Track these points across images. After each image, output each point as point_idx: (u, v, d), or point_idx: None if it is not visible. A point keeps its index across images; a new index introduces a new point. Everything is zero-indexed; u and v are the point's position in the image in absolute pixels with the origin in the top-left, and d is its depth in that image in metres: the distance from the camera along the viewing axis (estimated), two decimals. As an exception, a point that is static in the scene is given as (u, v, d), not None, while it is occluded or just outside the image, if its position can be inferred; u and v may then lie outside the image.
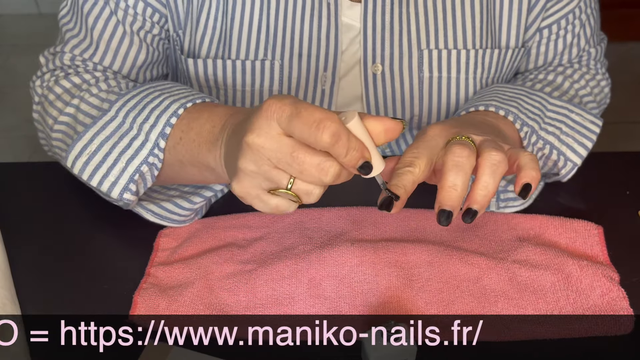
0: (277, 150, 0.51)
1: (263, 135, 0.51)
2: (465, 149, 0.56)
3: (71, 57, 0.78)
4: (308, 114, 0.50)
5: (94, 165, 0.66)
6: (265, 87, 0.80)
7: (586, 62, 0.87)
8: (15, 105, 2.08)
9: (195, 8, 0.77)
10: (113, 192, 0.66)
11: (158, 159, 0.66)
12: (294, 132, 0.51)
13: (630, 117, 2.05)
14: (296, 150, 0.51)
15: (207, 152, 0.62)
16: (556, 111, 0.75)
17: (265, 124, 0.51)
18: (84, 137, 0.67)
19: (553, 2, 0.81)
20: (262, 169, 0.52)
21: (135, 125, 0.66)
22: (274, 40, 0.78)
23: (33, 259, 0.71)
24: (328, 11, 0.78)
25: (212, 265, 0.68)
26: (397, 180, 0.56)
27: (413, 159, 0.57)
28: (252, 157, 0.52)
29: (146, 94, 0.69)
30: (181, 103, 0.66)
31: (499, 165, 0.56)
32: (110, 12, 0.76)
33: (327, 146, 0.50)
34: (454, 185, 0.55)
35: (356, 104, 0.84)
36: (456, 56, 0.80)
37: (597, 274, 0.67)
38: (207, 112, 0.64)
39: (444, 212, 0.55)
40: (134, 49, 0.79)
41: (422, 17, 0.79)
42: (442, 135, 0.60)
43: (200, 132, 0.63)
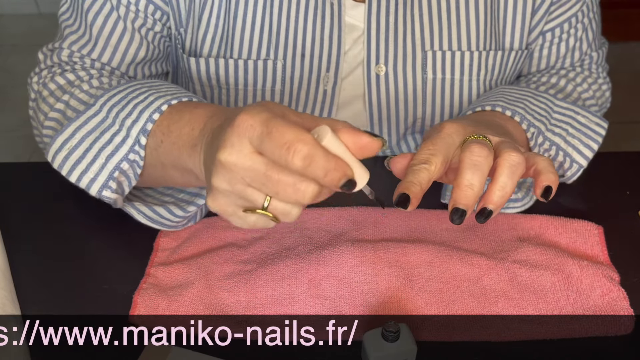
0: (249, 169, 0.49)
1: (235, 154, 0.49)
2: (484, 149, 0.55)
3: (69, 53, 0.78)
4: (279, 135, 0.47)
5: (73, 160, 0.65)
6: (268, 87, 0.80)
7: (588, 66, 0.88)
8: (15, 105, 2.08)
9: (197, 6, 0.77)
10: (92, 188, 0.65)
11: (139, 156, 0.64)
12: (266, 153, 0.49)
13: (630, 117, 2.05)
14: (270, 169, 0.49)
15: (187, 157, 0.60)
16: (562, 113, 0.75)
17: (237, 141, 0.49)
18: (66, 131, 0.66)
19: (556, 6, 0.82)
20: (236, 188, 0.50)
21: (118, 121, 0.65)
22: (277, 39, 0.78)
23: (33, 259, 0.71)
24: (331, 11, 0.77)
25: (212, 265, 0.68)
26: (413, 177, 0.55)
27: (429, 156, 0.56)
28: (225, 176, 0.50)
29: (132, 89, 0.67)
30: (166, 99, 0.64)
31: (518, 166, 0.55)
32: (112, 8, 0.76)
33: (300, 170, 0.48)
34: (470, 185, 0.54)
35: (358, 104, 0.83)
36: (460, 58, 0.80)
37: (598, 274, 0.67)
38: (188, 114, 0.61)
39: (457, 210, 0.55)
40: (134, 46, 0.78)
41: (426, 18, 0.79)
42: (459, 133, 0.59)
43: (180, 135, 0.61)
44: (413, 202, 0.54)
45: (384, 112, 0.83)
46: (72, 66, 0.78)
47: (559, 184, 0.77)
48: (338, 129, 0.50)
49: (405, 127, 0.84)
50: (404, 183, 0.55)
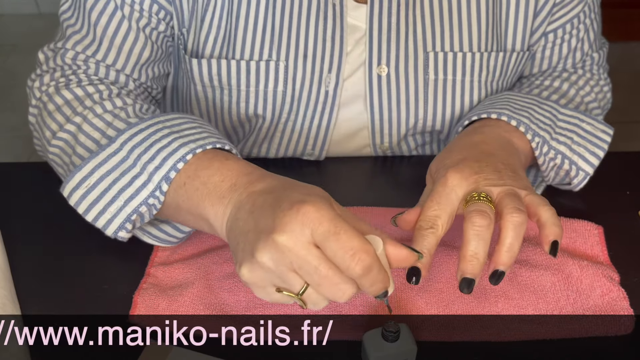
0: (303, 258, 0.51)
1: (293, 239, 0.51)
2: (485, 219, 0.58)
3: (74, 54, 0.77)
4: (347, 239, 0.51)
5: (90, 199, 0.64)
6: (270, 87, 0.80)
7: (589, 67, 0.88)
8: (15, 105, 2.08)
9: (200, 7, 0.77)
10: (108, 229, 0.64)
11: (158, 200, 0.63)
12: (326, 250, 0.51)
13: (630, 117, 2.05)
14: (322, 264, 0.51)
15: (209, 206, 0.59)
16: (567, 121, 0.75)
17: (299, 229, 0.51)
18: (84, 168, 0.64)
19: (559, 7, 0.82)
20: (280, 269, 0.52)
21: (139, 163, 0.63)
22: (279, 40, 0.78)
23: (33, 259, 0.71)
24: (333, 12, 0.77)
25: (212, 265, 0.68)
26: (421, 243, 0.59)
27: (435, 219, 0.60)
28: (274, 256, 0.52)
29: (154, 130, 0.64)
30: (190, 148, 0.62)
31: (522, 226, 0.58)
32: (115, 7, 0.75)
33: (357, 277, 0.52)
34: (475, 254, 0.58)
35: (359, 105, 0.83)
36: (462, 59, 0.80)
37: (598, 274, 0.67)
38: (218, 163, 0.61)
39: (465, 280, 0.58)
40: (139, 46, 0.78)
41: (428, 19, 0.79)
42: (462, 185, 0.62)
43: (207, 183, 0.60)
44: (423, 274, 0.58)
45: (385, 113, 0.83)
46: (77, 74, 0.75)
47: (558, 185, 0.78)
48: (383, 239, 0.55)
49: (406, 128, 0.84)
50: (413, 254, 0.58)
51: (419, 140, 0.88)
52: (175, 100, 0.89)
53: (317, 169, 0.86)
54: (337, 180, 0.86)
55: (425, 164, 0.71)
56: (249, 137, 0.86)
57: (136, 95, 0.77)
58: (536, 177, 0.79)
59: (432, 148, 0.90)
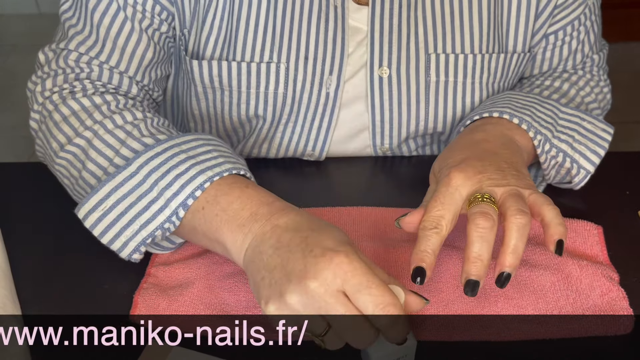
0: (332, 305, 0.53)
1: (324, 287, 0.53)
2: (488, 221, 0.59)
3: (77, 56, 0.76)
4: (379, 294, 0.53)
5: (106, 223, 0.64)
6: (270, 89, 0.80)
7: (589, 69, 0.88)
8: (15, 105, 2.08)
9: (201, 8, 0.77)
10: (123, 252, 0.65)
11: (174, 225, 0.64)
12: (357, 302, 0.53)
13: (630, 117, 2.05)
14: (349, 312, 0.53)
15: (228, 232, 0.60)
16: (568, 119, 0.75)
17: (331, 278, 0.53)
18: (100, 192, 0.64)
19: (560, 9, 0.82)
20: (307, 312, 0.54)
21: (156, 189, 0.63)
22: (280, 42, 0.78)
23: (33, 258, 0.71)
24: (335, 14, 0.77)
25: (212, 265, 0.68)
26: (425, 245, 0.59)
27: (439, 219, 0.60)
28: (305, 300, 0.54)
29: (171, 154, 0.64)
30: (208, 176, 0.62)
31: (525, 227, 0.59)
32: (118, 8, 0.75)
33: (383, 328, 0.54)
34: (479, 256, 0.58)
35: (360, 106, 0.83)
36: (463, 60, 0.80)
37: (597, 273, 0.67)
38: (238, 191, 0.62)
39: (470, 282, 0.58)
40: (142, 47, 0.77)
41: (430, 21, 0.79)
42: (466, 185, 0.62)
43: (227, 210, 0.61)
44: (427, 274, 0.59)
45: (386, 115, 0.83)
46: (79, 76, 0.75)
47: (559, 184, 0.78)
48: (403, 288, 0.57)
49: (407, 130, 0.84)
50: (418, 254, 0.59)
51: (419, 142, 0.88)
52: (175, 102, 0.89)
53: (317, 169, 0.86)
54: (338, 180, 0.86)
55: (425, 164, 0.71)
56: (249, 138, 0.86)
57: (141, 103, 0.77)
58: (536, 176, 0.79)
59: (432, 149, 0.90)
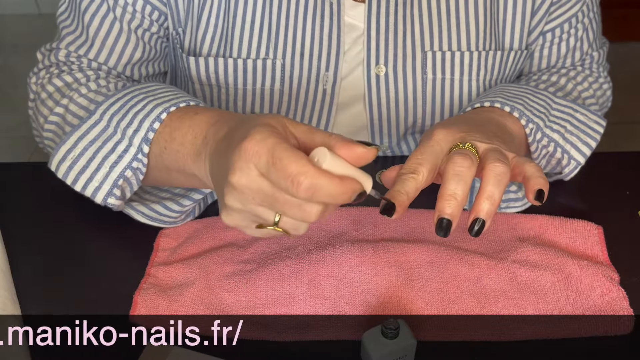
0: (258, 191, 0.51)
1: (244, 177, 0.51)
2: (467, 160, 0.57)
3: (66, 53, 0.79)
4: (282, 167, 0.49)
5: (77, 169, 0.66)
6: (267, 86, 0.80)
7: (589, 65, 0.88)
8: (15, 105, 2.08)
9: (196, 6, 0.77)
10: (97, 196, 0.66)
11: (142, 163, 0.65)
12: (272, 180, 0.50)
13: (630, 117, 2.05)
14: (276, 192, 0.51)
15: (192, 164, 0.62)
16: (561, 110, 0.75)
17: (245, 166, 0.51)
18: (68, 141, 0.67)
19: (556, 6, 0.82)
20: (248, 207, 0.53)
21: (119, 130, 0.65)
22: (276, 39, 0.78)
23: (33, 259, 0.71)
24: (330, 10, 0.77)
25: (212, 265, 0.68)
26: (400, 186, 0.57)
27: (417, 166, 0.58)
28: (237, 197, 0.52)
29: (131, 97, 0.68)
30: (164, 107, 0.65)
31: (503, 175, 0.57)
32: (108, 9, 0.76)
33: (306, 200, 0.50)
34: (453, 194, 0.56)
35: (358, 105, 0.83)
36: (459, 58, 0.80)
37: (597, 274, 0.67)
38: (188, 120, 0.63)
39: (442, 220, 0.56)
40: (130, 47, 0.79)
41: (426, 19, 0.79)
42: (448, 139, 0.60)
43: (183, 143, 0.62)
44: (398, 210, 0.55)
45: (384, 113, 0.83)
46: (69, 66, 0.78)
47: (559, 182, 0.78)
48: (332, 145, 0.52)
49: (405, 127, 0.84)
50: (391, 192, 0.56)
51: (418, 140, 0.88)
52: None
53: (317, 169, 0.86)
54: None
55: (425, 164, 0.71)
56: (247, 135, 0.86)
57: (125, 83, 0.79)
58: None
59: (432, 148, 0.90)
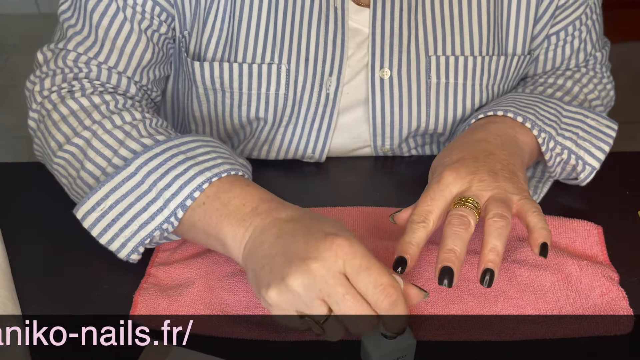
0: (332, 286, 0.54)
1: (326, 268, 0.54)
2: (463, 223, 0.60)
3: (75, 56, 0.76)
4: (378, 275, 0.54)
5: (105, 222, 0.65)
6: (271, 90, 0.80)
7: (592, 66, 0.89)
8: (15, 105, 2.08)
9: (203, 10, 0.77)
10: (121, 252, 0.66)
11: (172, 225, 0.64)
12: (357, 283, 0.54)
13: (630, 117, 2.05)
14: (349, 293, 0.54)
15: (228, 226, 0.61)
16: (572, 117, 0.76)
17: (332, 259, 0.54)
18: (99, 192, 0.65)
19: (561, 10, 0.82)
20: (308, 295, 0.54)
21: (155, 189, 0.64)
22: (281, 44, 0.78)
23: (33, 259, 0.71)
24: (335, 16, 0.77)
25: (212, 265, 0.68)
26: (411, 237, 0.61)
27: (427, 214, 0.62)
28: (306, 282, 0.54)
29: (169, 155, 0.65)
30: (207, 177, 0.63)
31: (504, 229, 0.60)
32: (117, 9, 0.75)
33: (383, 311, 0.54)
34: (452, 249, 0.59)
35: (360, 109, 0.83)
36: (463, 63, 0.81)
37: (597, 273, 0.67)
38: (239, 189, 0.63)
39: (445, 269, 0.59)
40: (141, 48, 0.77)
41: (430, 24, 0.79)
42: (457, 184, 0.64)
43: (227, 205, 0.62)
44: (409, 265, 0.60)
45: (387, 116, 0.83)
46: (77, 76, 0.75)
47: (559, 182, 0.78)
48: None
49: (408, 131, 0.84)
50: (402, 244, 0.60)
51: (419, 141, 0.88)
52: (176, 104, 0.89)
53: (318, 169, 0.86)
54: (338, 180, 0.86)
55: (425, 164, 0.72)
56: (249, 140, 0.86)
57: (140, 103, 0.77)
58: (543, 173, 0.79)
59: (432, 148, 0.91)
